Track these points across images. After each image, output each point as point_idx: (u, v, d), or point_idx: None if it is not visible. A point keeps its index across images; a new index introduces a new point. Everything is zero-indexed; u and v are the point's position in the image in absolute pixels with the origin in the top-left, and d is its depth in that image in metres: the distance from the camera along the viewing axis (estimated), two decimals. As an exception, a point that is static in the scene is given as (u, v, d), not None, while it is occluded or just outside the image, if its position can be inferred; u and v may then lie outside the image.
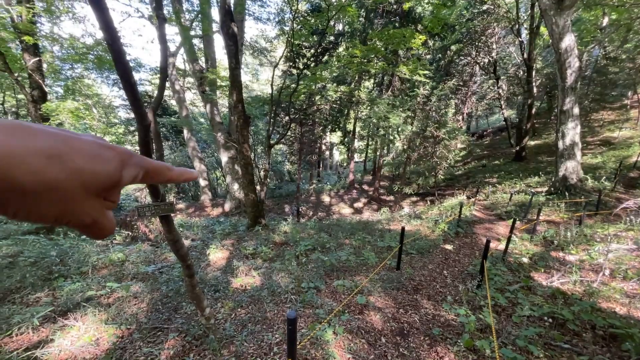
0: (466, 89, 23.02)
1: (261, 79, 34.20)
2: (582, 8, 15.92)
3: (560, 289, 4.53)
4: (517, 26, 17.52)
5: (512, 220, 7.32)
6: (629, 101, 20.58)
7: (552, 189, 11.11)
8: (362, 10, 16.38)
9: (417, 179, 17.98)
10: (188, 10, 14.90)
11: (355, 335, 3.58)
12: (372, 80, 20.77)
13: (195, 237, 8.19)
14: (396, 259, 5.92)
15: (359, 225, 9.74)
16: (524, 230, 7.90)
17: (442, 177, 16.90)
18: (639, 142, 15.26)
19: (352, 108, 16.54)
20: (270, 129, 9.39)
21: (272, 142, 9.66)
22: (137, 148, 2.96)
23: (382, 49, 11.75)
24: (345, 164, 30.37)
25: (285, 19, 13.47)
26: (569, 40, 9.99)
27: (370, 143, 20.86)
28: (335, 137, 26.55)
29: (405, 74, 12.20)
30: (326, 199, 18.20)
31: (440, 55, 20.10)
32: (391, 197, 18.19)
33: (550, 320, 3.75)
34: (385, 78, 19.07)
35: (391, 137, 14.92)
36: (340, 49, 15.57)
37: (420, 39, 10.16)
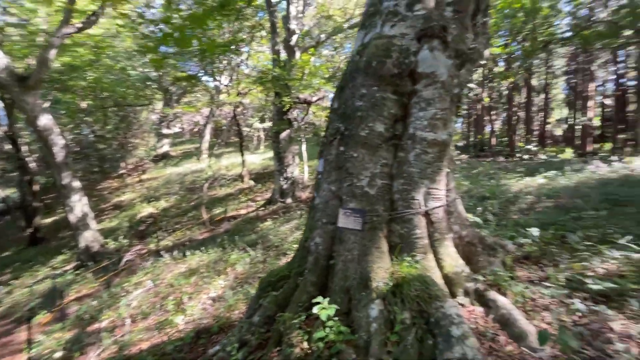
0: None
1: None
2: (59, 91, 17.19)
3: (98, 362, 4.49)
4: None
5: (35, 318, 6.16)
6: (125, 170, 25.24)
7: (79, 262, 10.89)
8: None
9: None
10: None
11: None
12: None
13: None
14: None
15: None
16: (53, 320, 6.96)
17: None
18: (139, 201, 19.24)
19: None
20: None
21: None
22: None
23: None
24: None
25: None
26: (46, 120, 10.16)
27: None
28: None
29: None
30: None
31: None
32: None
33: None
34: None
35: None
36: None
37: None
